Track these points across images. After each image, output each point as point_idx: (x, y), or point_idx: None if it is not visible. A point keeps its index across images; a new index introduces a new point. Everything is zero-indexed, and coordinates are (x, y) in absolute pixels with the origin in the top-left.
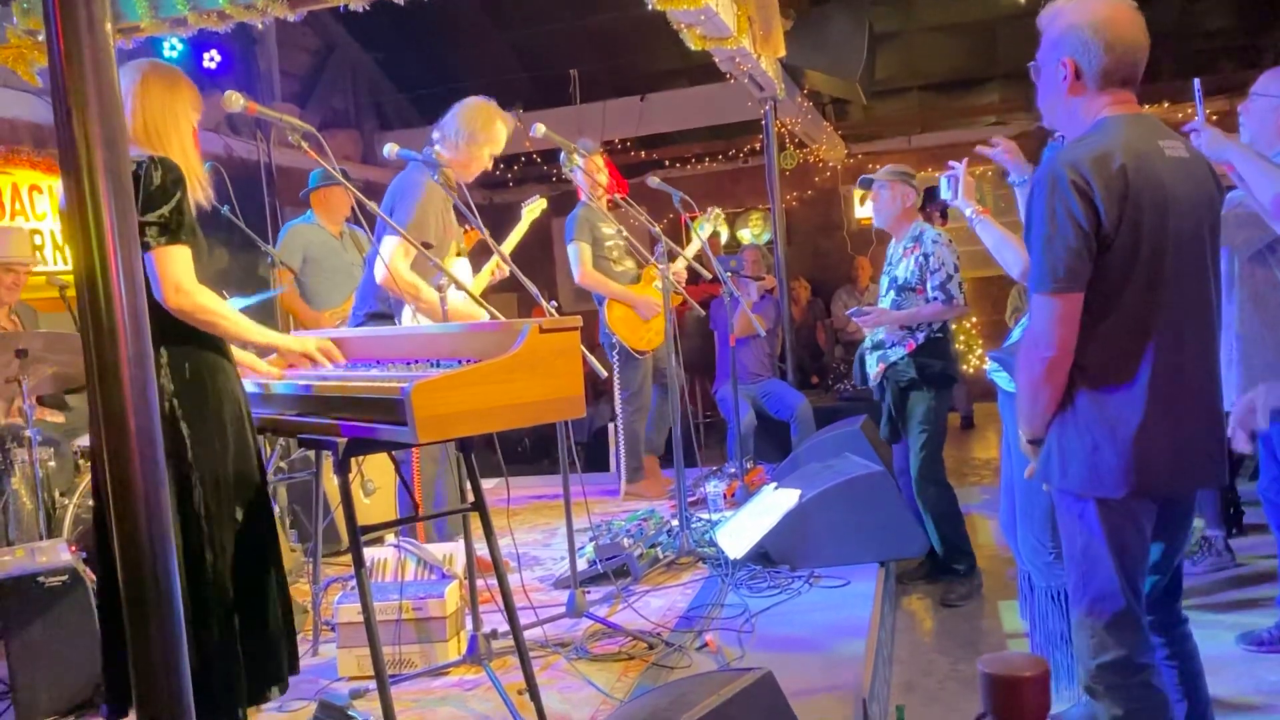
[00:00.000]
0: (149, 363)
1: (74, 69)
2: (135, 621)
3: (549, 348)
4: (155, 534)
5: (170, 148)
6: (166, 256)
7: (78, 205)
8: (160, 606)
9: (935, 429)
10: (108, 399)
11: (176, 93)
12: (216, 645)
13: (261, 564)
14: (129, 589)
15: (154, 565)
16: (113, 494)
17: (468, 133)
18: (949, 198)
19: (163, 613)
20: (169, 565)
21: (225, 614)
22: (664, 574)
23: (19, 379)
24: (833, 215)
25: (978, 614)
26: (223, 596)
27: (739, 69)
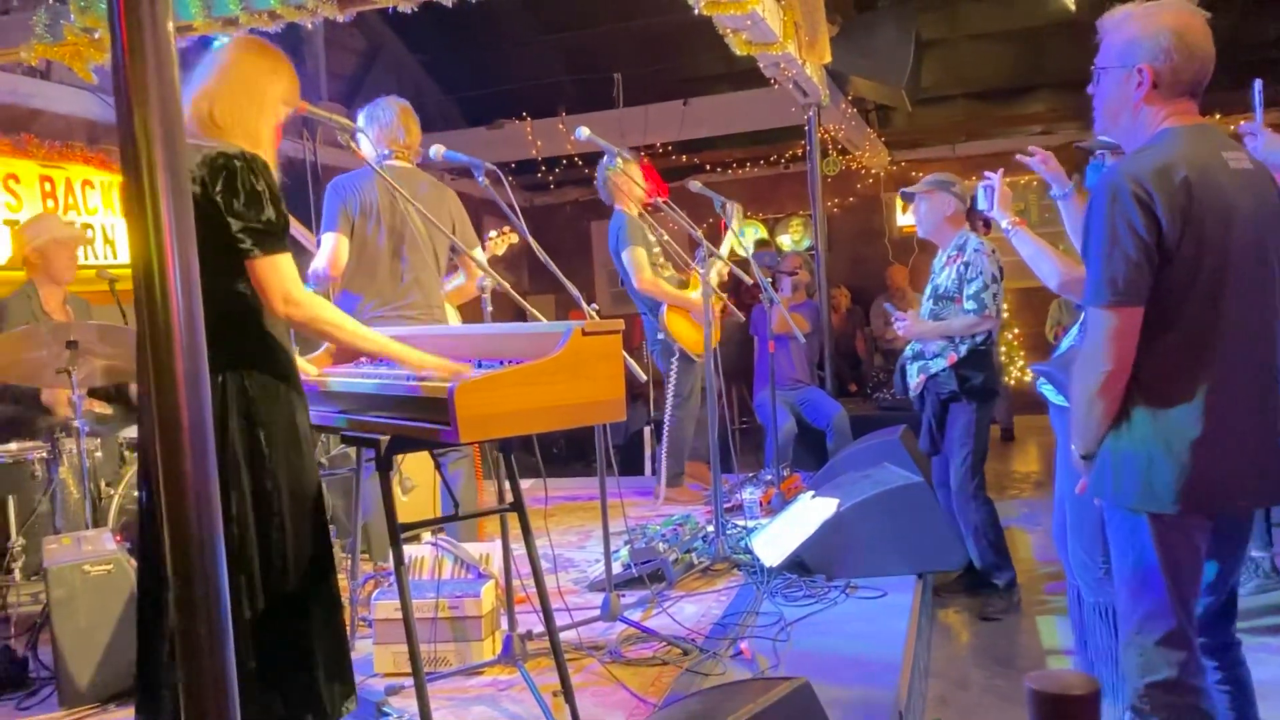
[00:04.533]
0: (202, 357)
1: (136, 66)
2: (185, 616)
3: (591, 350)
4: (205, 531)
5: (260, 139)
6: (272, 267)
7: (136, 200)
8: (208, 597)
9: (977, 442)
10: (162, 393)
11: (277, 78)
12: (299, 657)
13: (327, 574)
14: (178, 580)
15: (203, 561)
16: (165, 489)
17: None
18: (985, 208)
19: (210, 605)
20: (217, 561)
21: (306, 625)
22: (698, 580)
23: (69, 370)
24: (874, 222)
25: (1016, 629)
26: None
27: (784, 74)
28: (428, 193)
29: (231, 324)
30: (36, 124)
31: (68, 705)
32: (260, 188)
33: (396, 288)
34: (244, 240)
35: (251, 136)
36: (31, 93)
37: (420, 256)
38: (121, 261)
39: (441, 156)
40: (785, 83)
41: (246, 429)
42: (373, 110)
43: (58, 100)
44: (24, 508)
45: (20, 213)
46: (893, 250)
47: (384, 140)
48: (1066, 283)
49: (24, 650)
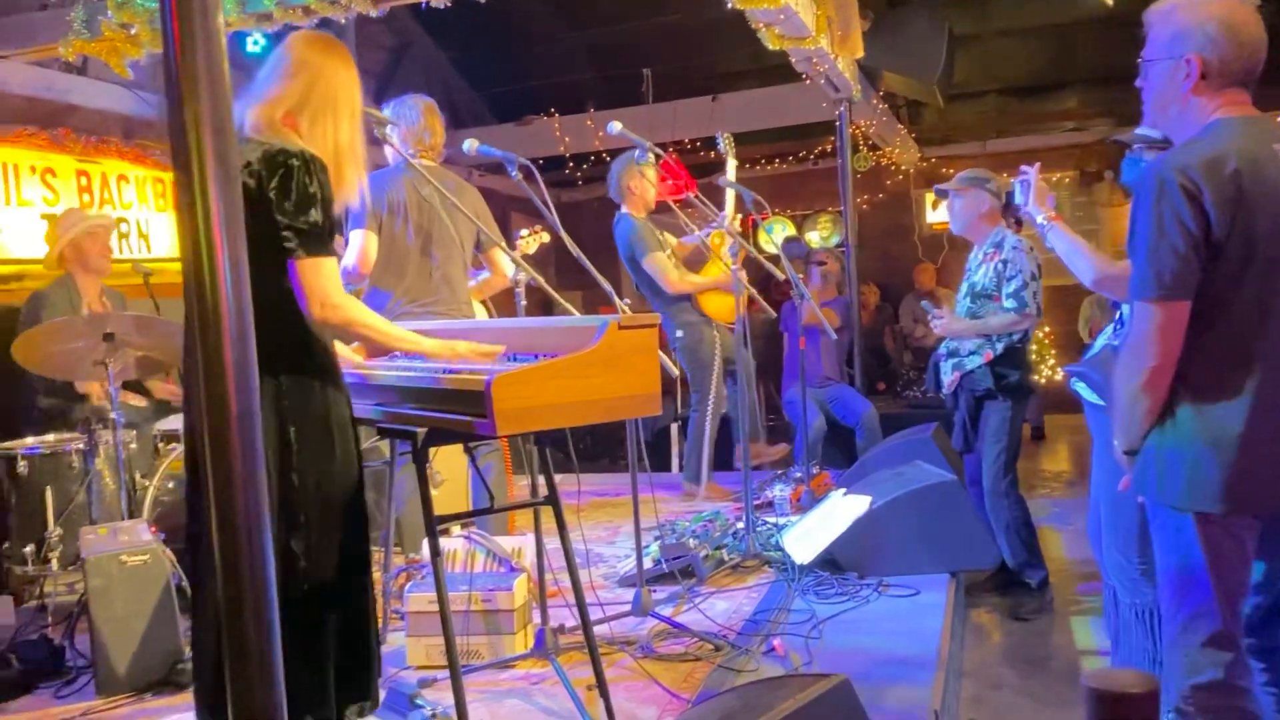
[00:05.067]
0: (251, 346)
1: (186, 58)
2: (231, 605)
3: (627, 344)
4: (252, 520)
5: (341, 145)
6: (315, 268)
7: (185, 189)
8: (255, 591)
9: (1010, 440)
10: (210, 381)
11: (356, 82)
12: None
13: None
14: (225, 569)
15: (250, 549)
16: (212, 477)
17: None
18: (1021, 202)
19: (258, 598)
20: (264, 550)
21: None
22: (729, 576)
23: (105, 362)
24: (903, 219)
25: (1049, 629)
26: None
27: (815, 69)
28: (452, 191)
29: (271, 318)
30: (73, 119)
31: (104, 694)
32: (313, 189)
33: (425, 284)
34: (289, 239)
35: (340, 149)
36: (68, 88)
37: (448, 253)
38: (156, 255)
39: (475, 151)
40: (817, 78)
41: (277, 425)
42: (399, 109)
43: (94, 96)
44: (61, 498)
45: (57, 206)
46: (922, 248)
47: (410, 140)
48: (1102, 279)
49: (61, 639)
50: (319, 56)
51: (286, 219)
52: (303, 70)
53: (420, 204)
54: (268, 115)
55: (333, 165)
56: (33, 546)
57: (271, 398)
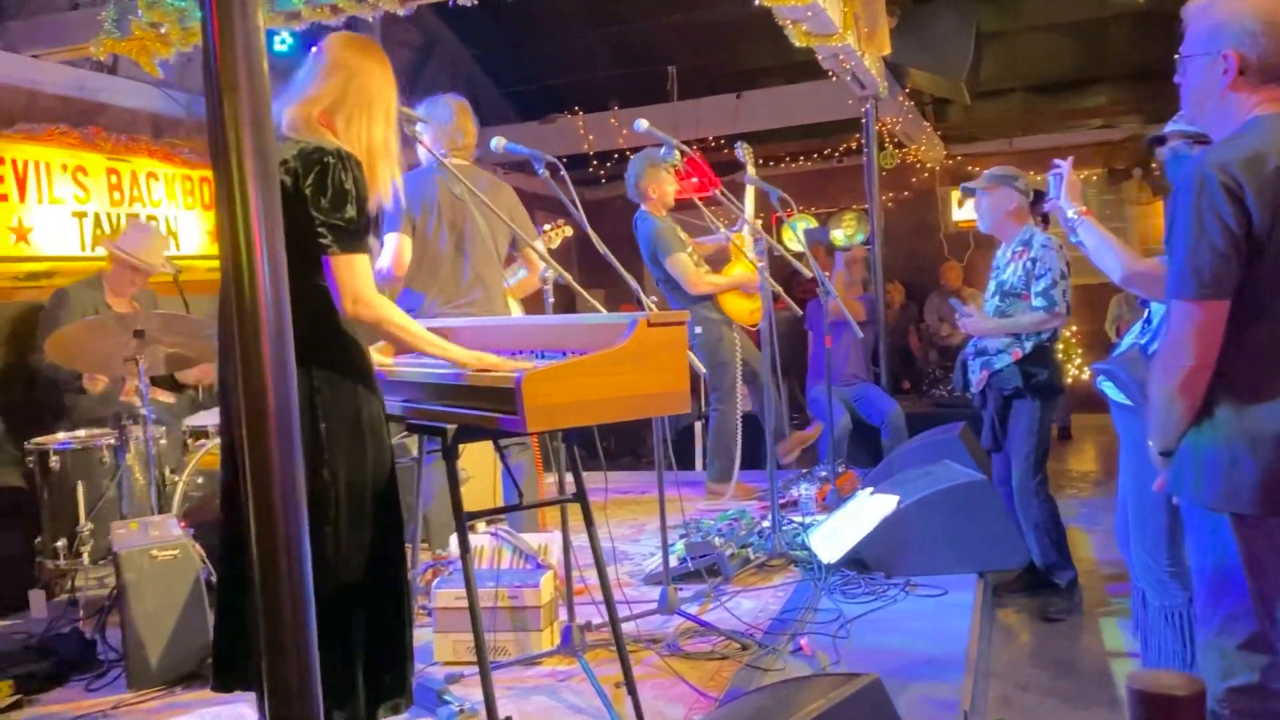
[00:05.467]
0: (289, 342)
1: (226, 52)
2: (268, 601)
3: (656, 341)
4: (290, 517)
5: (375, 145)
6: (348, 265)
7: (225, 185)
8: (293, 583)
9: (1039, 439)
10: (248, 376)
11: (392, 82)
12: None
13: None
14: (263, 565)
15: (289, 545)
16: (250, 473)
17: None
18: (1053, 196)
19: (295, 590)
20: (302, 543)
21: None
22: (755, 575)
23: (136, 359)
24: (929, 217)
25: (1077, 629)
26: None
27: (842, 66)
28: (486, 190)
29: (306, 315)
30: (103, 117)
31: (135, 687)
32: (348, 186)
33: (459, 284)
34: (324, 236)
35: (374, 148)
36: (99, 87)
37: (482, 253)
38: (185, 253)
39: (503, 148)
40: (843, 75)
41: (308, 422)
42: (431, 109)
43: (124, 94)
44: (92, 493)
45: (88, 204)
46: (948, 246)
47: (442, 140)
48: (1131, 276)
49: (92, 632)
50: (356, 57)
51: (322, 216)
52: (339, 70)
53: (453, 204)
54: (304, 114)
55: (366, 164)
56: (64, 541)
57: (305, 394)
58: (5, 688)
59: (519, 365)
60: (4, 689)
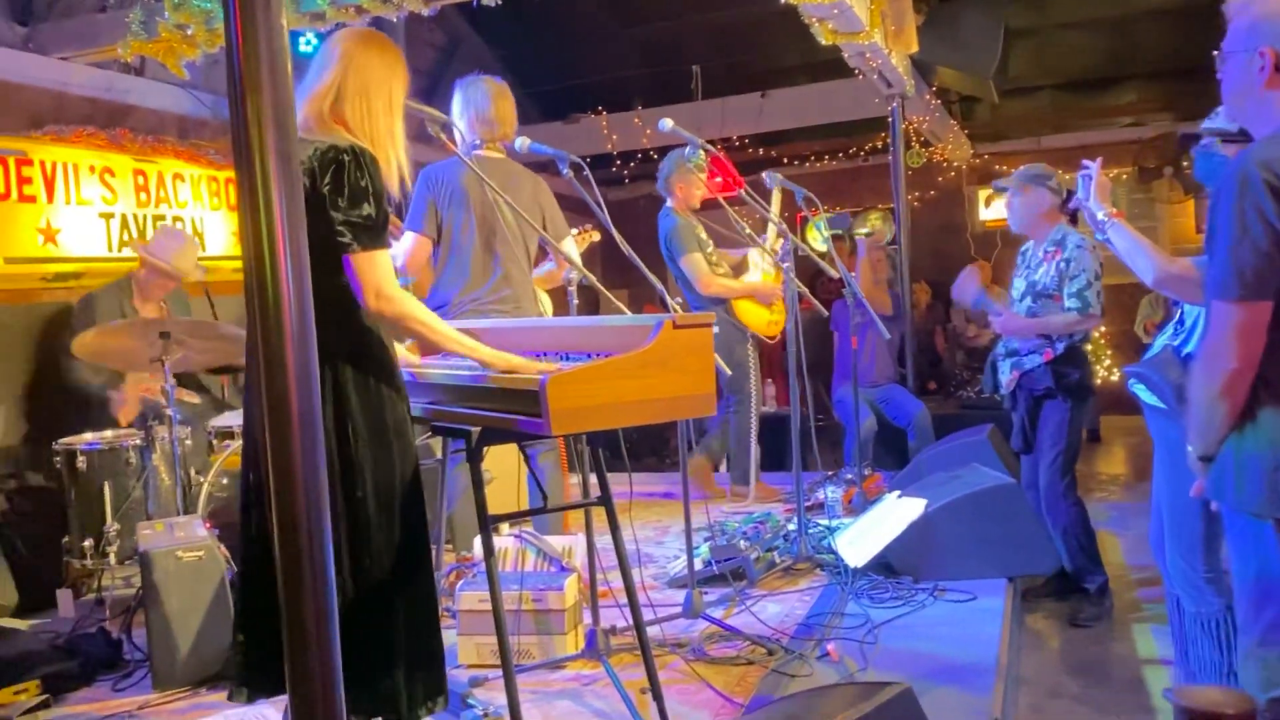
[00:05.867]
0: (312, 345)
1: (249, 53)
2: (291, 604)
3: (682, 344)
4: (313, 520)
5: (378, 136)
6: (369, 261)
7: (248, 186)
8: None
9: (1070, 441)
10: (271, 379)
11: (394, 71)
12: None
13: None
14: (285, 568)
15: (311, 548)
16: (273, 477)
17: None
18: (1082, 197)
19: (317, 591)
20: (325, 549)
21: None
22: (780, 579)
23: (162, 360)
24: (955, 216)
25: (1108, 636)
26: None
27: (868, 65)
28: (519, 183)
29: (331, 316)
30: (131, 119)
31: (161, 687)
32: (364, 183)
33: (488, 282)
34: (344, 234)
35: (376, 136)
36: (127, 89)
37: (511, 250)
38: (211, 254)
39: (527, 149)
40: (869, 73)
41: (336, 422)
42: (468, 94)
43: (151, 96)
44: (119, 494)
45: (115, 205)
46: (975, 245)
47: (477, 128)
48: (1164, 279)
49: (118, 632)
50: (355, 46)
51: (341, 215)
52: (340, 60)
53: (483, 199)
54: (315, 110)
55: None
56: (91, 541)
57: (331, 396)
58: (33, 687)
59: (544, 367)
60: (31, 688)
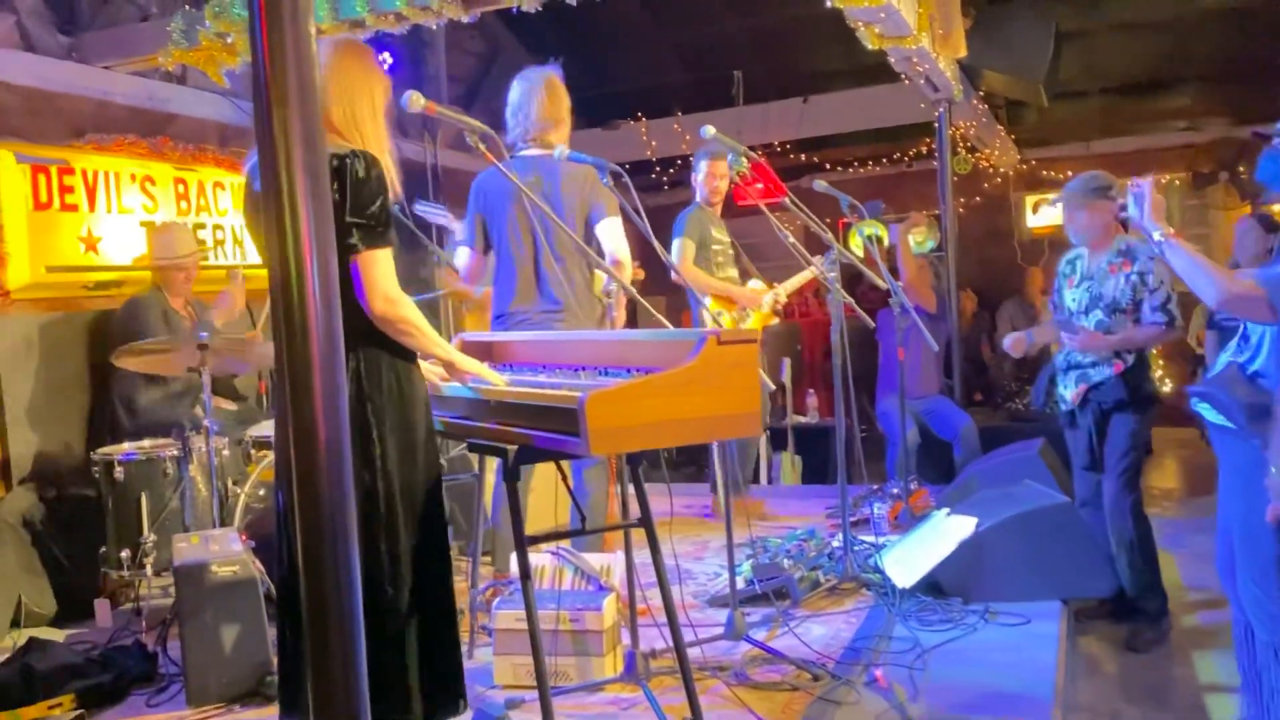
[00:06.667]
0: (340, 369)
1: (276, 65)
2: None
3: (727, 360)
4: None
5: (367, 138)
6: (373, 261)
7: (275, 203)
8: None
9: (1137, 455)
10: (297, 403)
11: (373, 76)
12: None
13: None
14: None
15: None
16: (299, 504)
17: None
18: (1135, 216)
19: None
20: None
21: (404, 627)
22: (824, 599)
23: (199, 369)
24: (1001, 223)
25: (1167, 661)
26: (404, 610)
27: (915, 69)
28: (565, 182)
29: (359, 326)
30: (171, 127)
31: (195, 704)
32: (368, 185)
33: (535, 293)
34: (351, 235)
35: (366, 139)
36: (168, 97)
37: (555, 256)
38: (251, 262)
39: (565, 157)
40: (916, 78)
41: (360, 428)
42: (518, 88)
43: (192, 104)
44: (156, 504)
45: (156, 214)
46: (1021, 252)
47: (523, 124)
48: (1229, 300)
49: (154, 645)
50: (331, 54)
51: (347, 218)
52: (339, 74)
53: (524, 207)
54: None
55: None
56: (128, 551)
57: (353, 401)
58: (67, 701)
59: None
60: (66, 703)
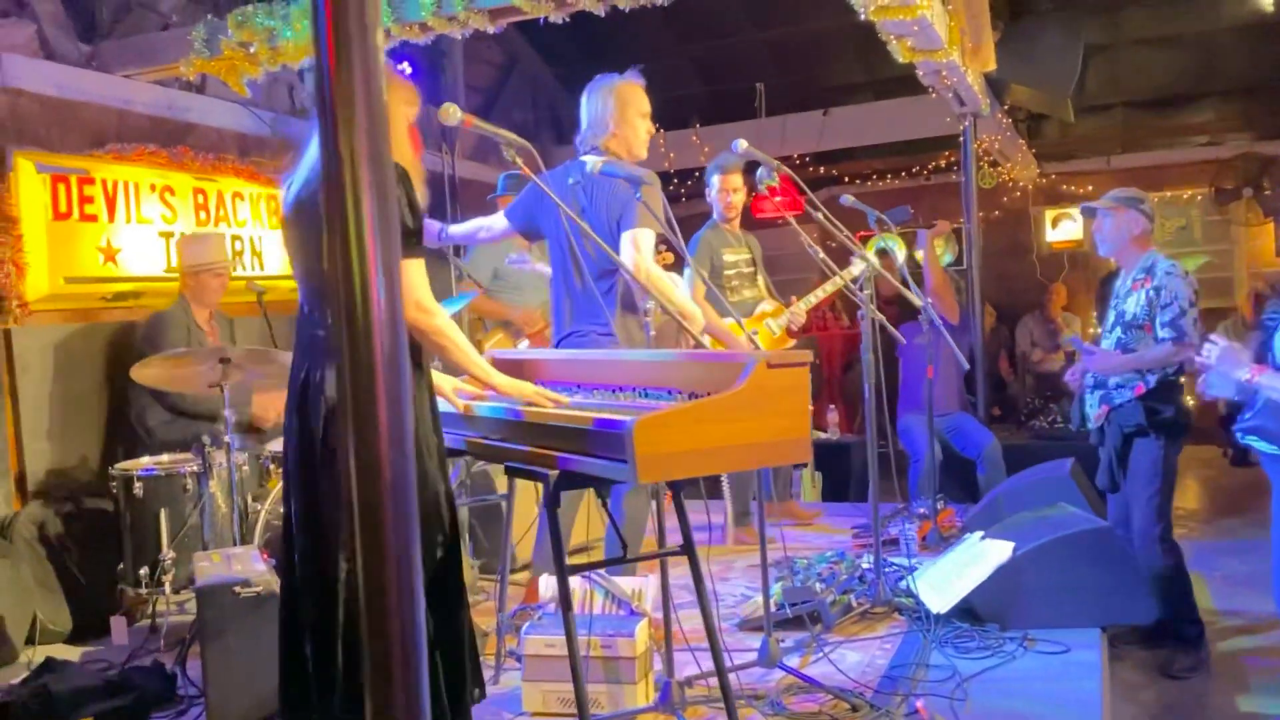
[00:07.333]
0: (405, 397)
1: (341, 79)
2: (377, 687)
3: (776, 384)
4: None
5: (401, 149)
6: (406, 270)
7: (339, 229)
8: (407, 664)
9: (1164, 481)
10: (362, 445)
11: (393, 86)
12: None
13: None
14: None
15: (401, 620)
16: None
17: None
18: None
19: (409, 673)
20: (417, 617)
21: None
22: (856, 624)
23: (221, 385)
24: (1021, 238)
25: (1206, 689)
26: None
27: (943, 83)
28: (609, 195)
29: None
30: (191, 137)
31: None
32: (401, 194)
33: (577, 310)
34: None
35: (399, 143)
36: (187, 106)
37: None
38: (269, 273)
39: (599, 171)
40: (944, 91)
41: None
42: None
43: (211, 114)
44: (174, 520)
45: (175, 224)
46: (1041, 268)
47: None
48: None
49: (173, 665)
50: None
51: None
52: None
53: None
54: None
55: None
56: (146, 569)
57: None
58: None
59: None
60: None
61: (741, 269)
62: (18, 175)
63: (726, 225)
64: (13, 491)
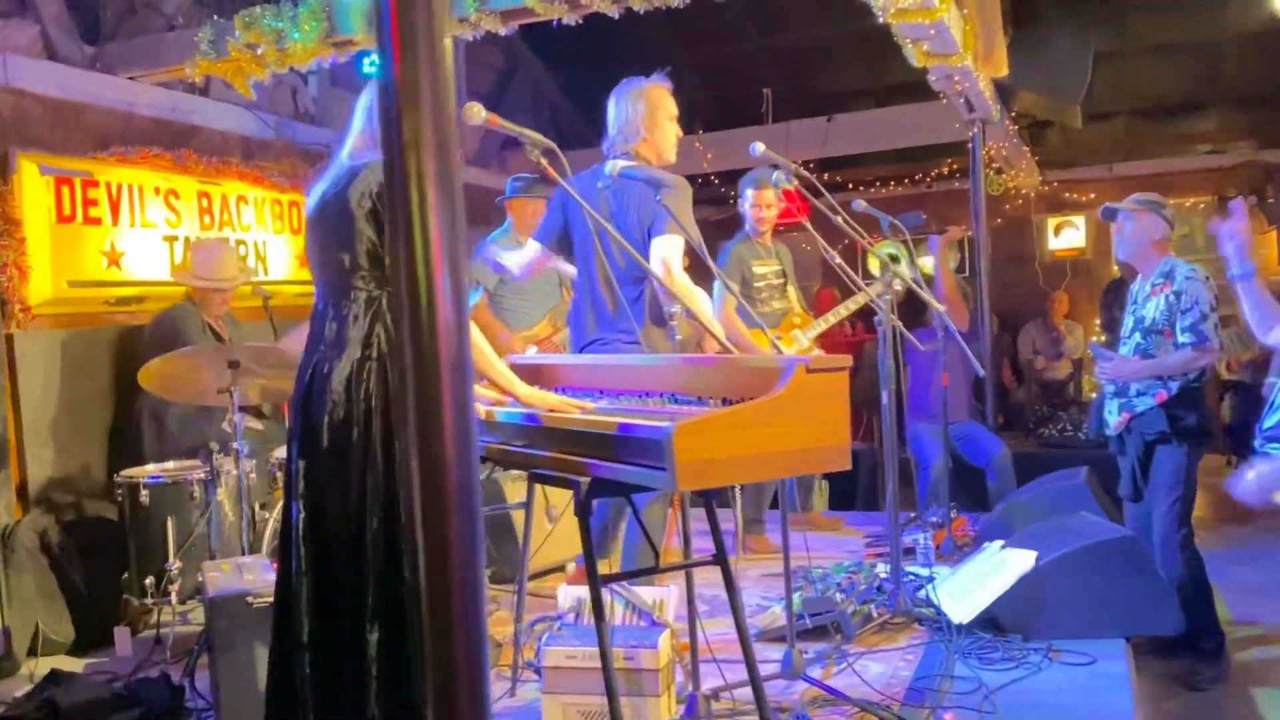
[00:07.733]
0: (472, 411)
1: (407, 66)
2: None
3: (815, 390)
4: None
5: None
6: None
7: (403, 219)
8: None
9: (1186, 489)
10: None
11: None
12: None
13: None
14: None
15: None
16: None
17: (647, 108)
18: (1229, 252)
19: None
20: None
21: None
22: (876, 635)
23: (230, 390)
24: (1024, 246)
25: (1227, 699)
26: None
27: (954, 88)
28: (633, 199)
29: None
30: (195, 140)
31: None
32: None
33: (601, 316)
34: None
35: None
36: (191, 109)
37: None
38: (274, 277)
39: (618, 174)
40: (955, 97)
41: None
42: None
43: (215, 117)
44: (181, 529)
45: (179, 228)
46: (1043, 275)
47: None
48: None
49: (180, 677)
50: None
51: None
52: None
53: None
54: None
55: None
56: (152, 579)
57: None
58: None
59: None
60: None
61: (771, 280)
62: (21, 177)
63: (758, 239)
64: (14, 499)
